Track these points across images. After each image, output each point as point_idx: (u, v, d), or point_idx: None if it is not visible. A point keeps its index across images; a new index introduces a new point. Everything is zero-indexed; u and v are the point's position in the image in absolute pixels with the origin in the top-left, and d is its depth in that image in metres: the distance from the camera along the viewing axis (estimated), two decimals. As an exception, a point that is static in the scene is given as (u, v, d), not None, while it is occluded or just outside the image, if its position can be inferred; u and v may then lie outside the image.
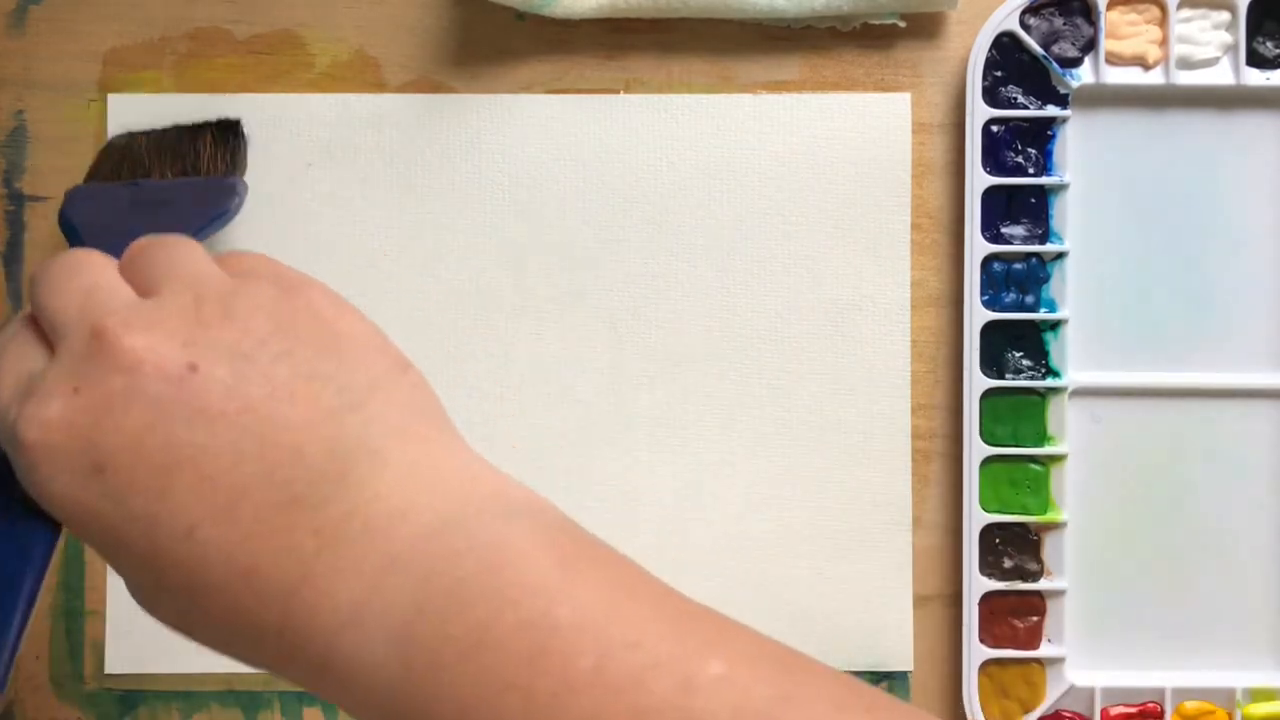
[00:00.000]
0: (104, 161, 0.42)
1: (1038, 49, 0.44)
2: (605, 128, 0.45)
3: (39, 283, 0.32)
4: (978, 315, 0.44)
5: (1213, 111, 0.45)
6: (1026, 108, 0.45)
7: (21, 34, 0.46)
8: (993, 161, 0.45)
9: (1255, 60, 0.45)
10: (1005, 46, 0.45)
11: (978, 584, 0.44)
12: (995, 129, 0.45)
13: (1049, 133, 0.45)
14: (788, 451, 0.45)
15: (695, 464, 0.45)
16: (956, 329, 0.45)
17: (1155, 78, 0.45)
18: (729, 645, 0.27)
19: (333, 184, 0.45)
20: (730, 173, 0.45)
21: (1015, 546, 0.45)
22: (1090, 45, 0.45)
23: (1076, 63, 0.45)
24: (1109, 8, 0.44)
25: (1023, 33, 0.44)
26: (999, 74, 0.45)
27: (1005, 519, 0.45)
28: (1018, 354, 0.45)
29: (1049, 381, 0.45)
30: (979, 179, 0.44)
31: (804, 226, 0.45)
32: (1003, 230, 0.45)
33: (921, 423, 0.45)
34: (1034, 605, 0.45)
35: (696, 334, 0.45)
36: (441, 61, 0.46)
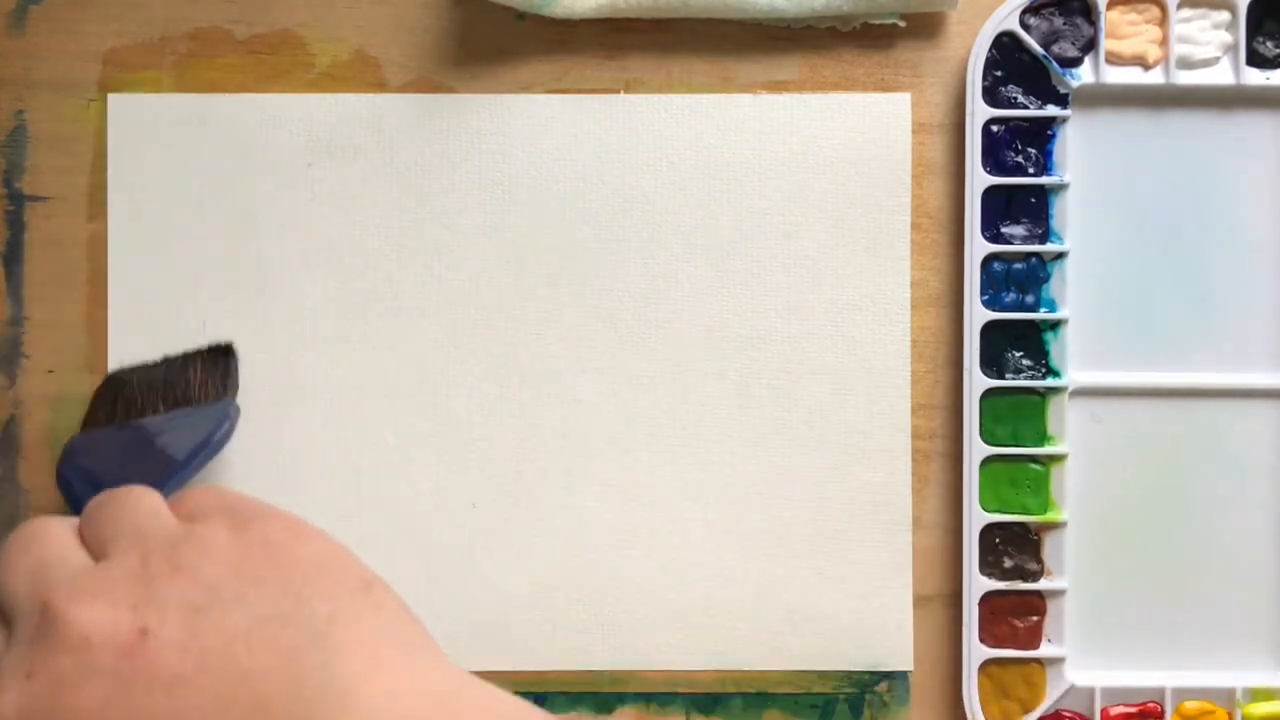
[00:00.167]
0: (98, 406, 0.43)
1: (1038, 49, 0.44)
2: (605, 128, 0.46)
3: None
4: (978, 315, 0.44)
5: (1213, 111, 0.45)
6: (1026, 107, 0.45)
7: (21, 34, 0.46)
8: (993, 161, 0.45)
9: (1255, 60, 0.45)
10: (1005, 46, 0.45)
11: (978, 584, 0.44)
12: (995, 129, 0.45)
13: (1049, 133, 0.45)
14: (788, 451, 0.45)
15: (695, 464, 0.45)
16: (956, 329, 0.45)
17: (1155, 78, 0.45)
18: None
19: (333, 184, 0.45)
20: (730, 173, 0.45)
21: (1015, 546, 0.45)
22: (1090, 45, 0.45)
23: (1076, 63, 0.45)
24: (1109, 7, 0.44)
25: (1023, 33, 0.44)
26: (999, 74, 0.45)
27: (1005, 519, 0.45)
28: (1018, 354, 0.45)
29: (1049, 381, 0.45)
30: (979, 179, 0.44)
31: (804, 226, 0.45)
32: (1003, 230, 0.45)
33: (921, 423, 0.45)
34: (1034, 605, 0.45)
35: (696, 334, 0.45)
36: (441, 61, 0.46)
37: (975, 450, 0.44)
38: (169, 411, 0.42)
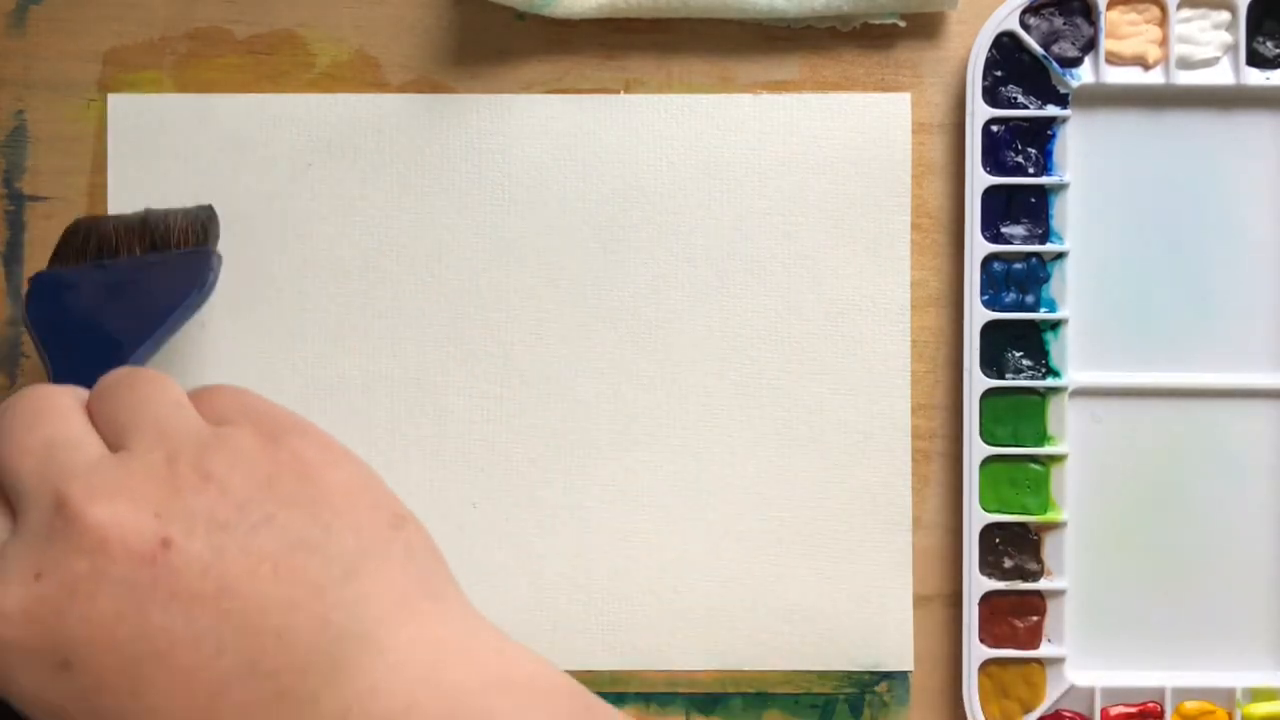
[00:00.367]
0: (69, 241, 0.40)
1: (1038, 49, 0.44)
2: (605, 128, 0.46)
3: None
4: (978, 315, 0.44)
5: (1213, 111, 0.45)
6: (1026, 108, 0.45)
7: (21, 34, 0.46)
8: (993, 161, 0.45)
9: (1255, 60, 0.45)
10: (1005, 46, 0.45)
11: (978, 584, 0.44)
12: (995, 129, 0.45)
13: (1049, 133, 0.45)
14: (788, 451, 0.45)
15: (695, 464, 0.45)
16: (956, 329, 0.45)
17: (1155, 78, 0.45)
18: None
19: (333, 184, 0.45)
20: (730, 173, 0.45)
21: (1015, 546, 0.45)
22: (1090, 45, 0.45)
23: (1076, 63, 0.45)
24: (1109, 7, 0.44)
25: (1023, 33, 0.44)
26: (999, 74, 0.45)
27: (1005, 519, 0.45)
28: (1018, 354, 0.45)
29: (1049, 381, 0.45)
30: (979, 179, 0.44)
31: (804, 226, 0.45)
32: (1003, 230, 0.45)
33: (921, 423, 0.45)
34: (1034, 605, 0.45)
35: (696, 334, 0.45)
36: (441, 61, 0.46)
37: (975, 450, 0.44)
38: (146, 255, 0.39)
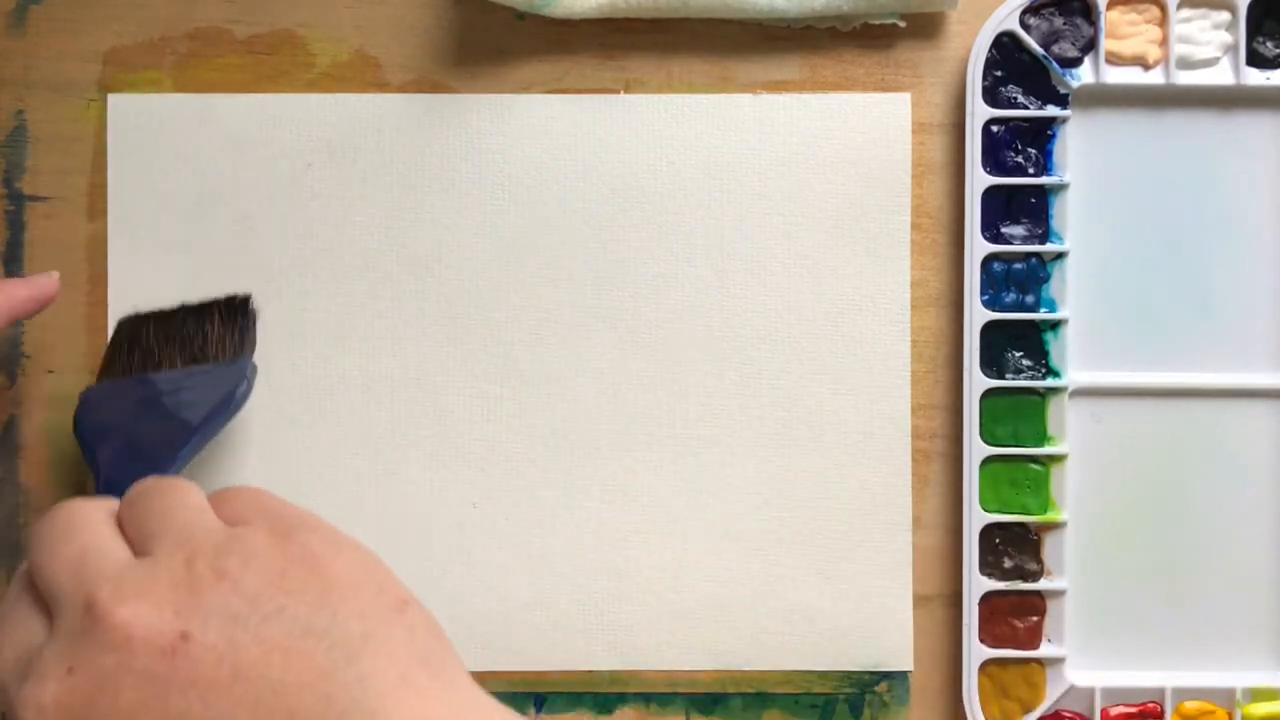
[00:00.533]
0: (114, 355, 0.43)
1: (1038, 49, 0.44)
2: (605, 128, 0.45)
3: (35, 543, 0.32)
4: (978, 315, 0.44)
5: (1213, 111, 0.45)
6: (1026, 108, 0.45)
7: (21, 34, 0.46)
8: (993, 161, 0.45)
9: (1255, 60, 0.45)
10: (1005, 46, 0.45)
11: (978, 584, 0.44)
12: (995, 129, 0.45)
13: (1049, 133, 0.45)
14: (788, 451, 0.45)
15: (695, 464, 0.45)
16: (956, 329, 0.45)
17: (1155, 78, 0.45)
18: None
19: (333, 184, 0.45)
20: (730, 173, 0.45)
21: (1015, 546, 0.45)
22: (1090, 45, 0.45)
23: (1076, 63, 0.45)
24: (1109, 8, 0.44)
25: (1023, 33, 0.44)
26: (999, 74, 0.45)
27: (1005, 519, 0.45)
28: (1018, 354, 0.45)
29: (1049, 381, 0.45)
30: (979, 179, 0.44)
31: (804, 226, 0.45)
32: (1003, 230, 0.45)
33: (921, 423, 0.45)
34: (1034, 605, 0.45)
35: (696, 334, 0.45)
36: (441, 61, 0.46)
37: (975, 450, 0.44)
38: (185, 367, 0.42)
